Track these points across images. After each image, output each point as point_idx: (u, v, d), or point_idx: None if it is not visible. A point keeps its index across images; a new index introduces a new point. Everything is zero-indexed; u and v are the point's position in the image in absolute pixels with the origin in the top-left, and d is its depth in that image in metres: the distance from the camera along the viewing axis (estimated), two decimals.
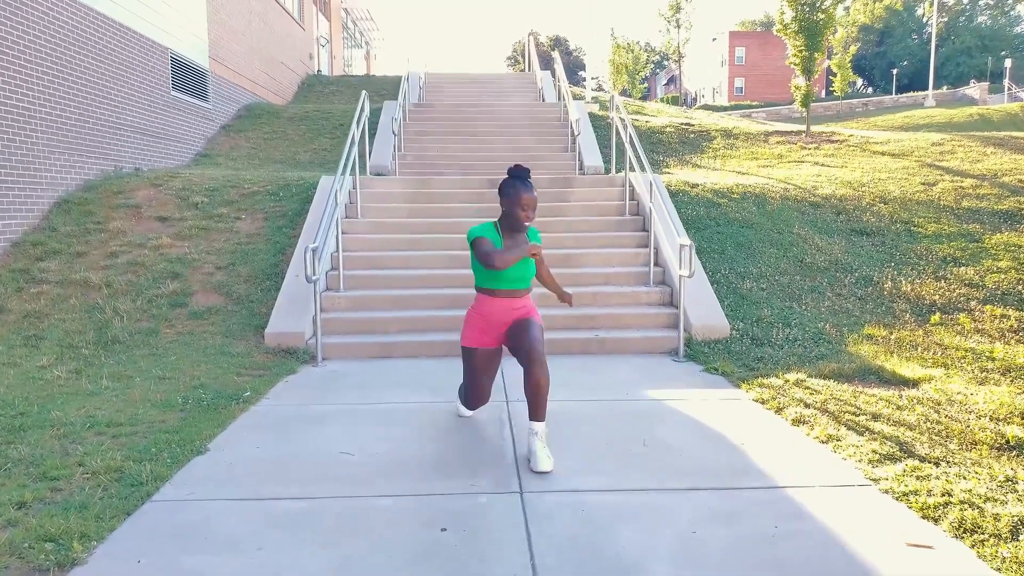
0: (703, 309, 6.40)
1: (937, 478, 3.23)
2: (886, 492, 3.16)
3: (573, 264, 7.32)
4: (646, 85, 56.89)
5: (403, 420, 4.36)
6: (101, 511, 3.04)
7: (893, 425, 4.00)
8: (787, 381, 4.96)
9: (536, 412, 3.60)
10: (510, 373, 5.47)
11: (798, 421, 4.19)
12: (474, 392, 4.05)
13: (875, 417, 4.14)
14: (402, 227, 7.91)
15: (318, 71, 21.97)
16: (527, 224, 3.76)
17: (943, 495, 3.05)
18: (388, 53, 34.03)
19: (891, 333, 6.18)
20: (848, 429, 3.97)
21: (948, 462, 3.45)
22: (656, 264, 7.21)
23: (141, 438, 4.02)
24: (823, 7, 13.34)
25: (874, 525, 2.88)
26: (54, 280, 6.96)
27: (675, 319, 6.47)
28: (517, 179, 3.74)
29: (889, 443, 3.71)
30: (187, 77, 12.06)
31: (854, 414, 4.23)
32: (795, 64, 13.74)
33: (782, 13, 13.66)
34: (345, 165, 7.25)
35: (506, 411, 4.53)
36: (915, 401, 4.42)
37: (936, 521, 2.88)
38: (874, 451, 3.61)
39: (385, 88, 18.65)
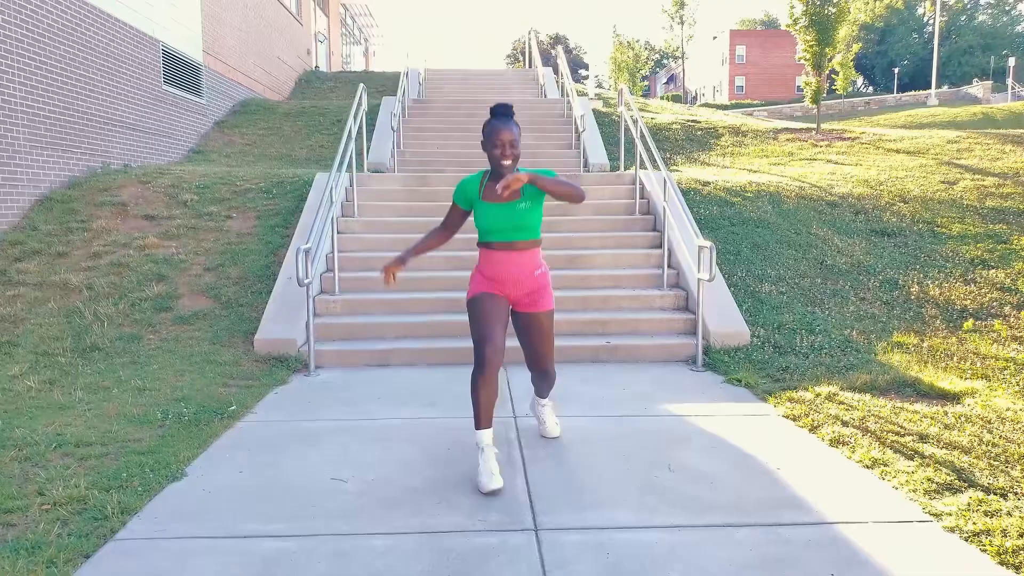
0: (721, 314, 6.02)
1: (1009, 514, 2.85)
2: (952, 531, 2.78)
3: (580, 265, 6.94)
4: (646, 83, 56.51)
5: (401, 438, 3.98)
6: (55, 554, 2.65)
7: (945, 448, 3.62)
8: (818, 395, 4.57)
9: (543, 391, 3.80)
10: (517, 384, 5.09)
11: (836, 442, 3.80)
12: (485, 339, 3.21)
13: (922, 438, 3.76)
14: (400, 226, 7.53)
15: (316, 67, 21.57)
16: (506, 162, 3.26)
17: (1021, 536, 2.67)
18: (387, 50, 33.70)
19: (922, 341, 5.80)
20: (894, 452, 3.59)
21: (1017, 493, 3.07)
22: (670, 266, 6.83)
23: (112, 460, 3.63)
24: (834, 0, 12.96)
25: (945, 574, 2.50)
26: (32, 282, 6.57)
27: (691, 324, 6.09)
28: (492, 117, 3.30)
29: (944, 469, 3.33)
30: (180, 71, 11.66)
31: (898, 434, 3.84)
32: (805, 60, 13.36)
33: (792, 7, 13.27)
34: (341, 161, 6.86)
35: (514, 428, 4.14)
36: (963, 419, 4.04)
37: (1017, 569, 2.50)
38: (928, 479, 3.23)
39: (384, 84, 18.25)
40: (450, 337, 5.99)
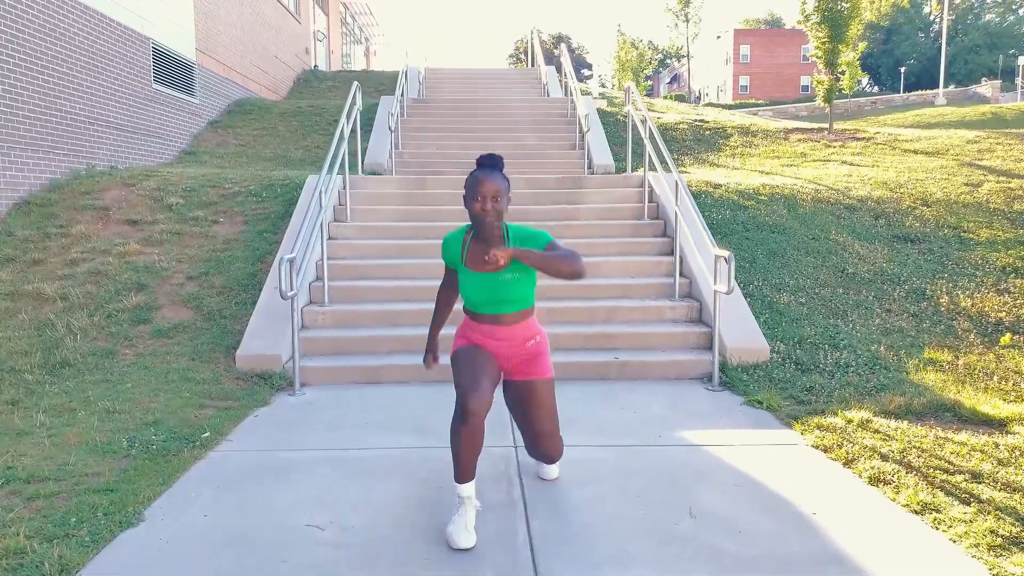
0: (738, 328, 5.61)
1: None
2: None
3: (586, 274, 6.53)
4: (650, 83, 56.07)
5: (387, 473, 3.57)
6: None
7: (1004, 489, 3.20)
8: (850, 421, 4.16)
9: (548, 463, 3.42)
10: None
11: (876, 480, 3.39)
12: (470, 388, 2.76)
13: (975, 477, 3.35)
14: (395, 232, 7.12)
15: (315, 66, 21.19)
16: (487, 218, 2.83)
17: None
18: (388, 49, 33.32)
19: (957, 357, 5.38)
20: (946, 494, 3.18)
21: None
22: (682, 275, 6.41)
23: (63, 501, 3.23)
24: None
25: None
26: (3, 292, 6.18)
27: (705, 338, 5.68)
28: (478, 167, 2.91)
29: (1008, 518, 2.92)
30: (171, 69, 11.27)
31: (946, 471, 3.43)
32: (817, 57, 12.92)
33: (803, 3, 12.84)
34: (332, 163, 6.46)
35: (514, 462, 3.73)
36: (1018, 453, 3.62)
37: None
38: (991, 531, 2.81)
39: (383, 83, 17.87)
40: (444, 352, 5.58)
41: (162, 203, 7.61)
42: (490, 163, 2.91)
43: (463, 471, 2.82)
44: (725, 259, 4.88)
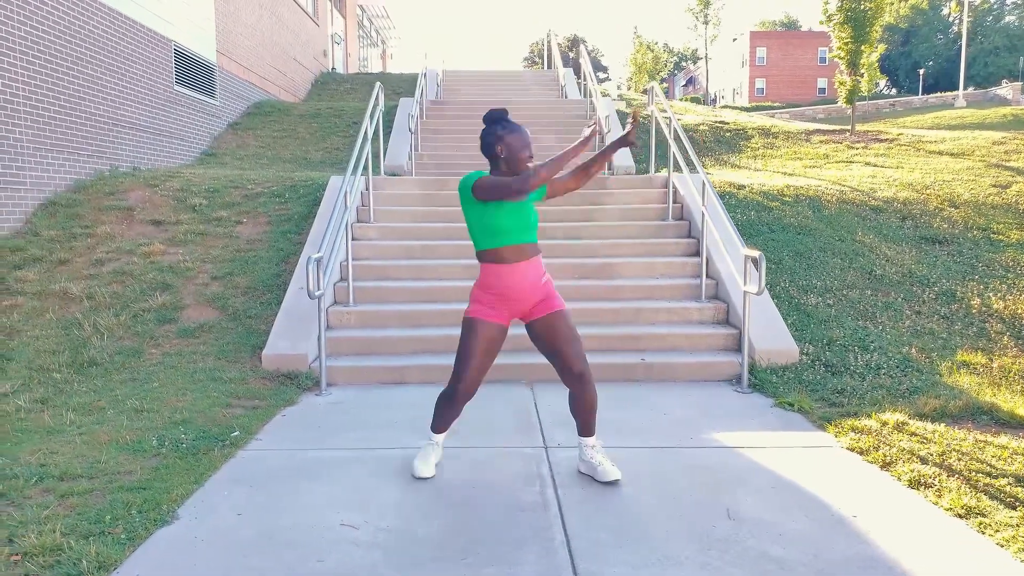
0: (767, 329, 5.54)
1: None
2: None
3: (609, 275, 6.49)
4: (665, 86, 55.92)
5: None
6: None
7: None
8: (885, 424, 4.09)
9: (587, 429, 3.40)
10: (546, 407, 4.64)
11: (916, 483, 3.32)
12: (466, 372, 3.24)
13: (1019, 480, 3.27)
14: (417, 233, 7.11)
15: (332, 69, 21.29)
16: (530, 166, 3.22)
17: None
18: (404, 52, 33.43)
19: (991, 360, 5.28)
20: (990, 498, 3.11)
21: None
22: (708, 276, 6.35)
23: (97, 498, 3.23)
24: None
25: None
26: (31, 291, 6.22)
27: (733, 340, 5.62)
28: (504, 120, 3.25)
29: None
30: (192, 71, 11.35)
31: (988, 474, 3.36)
32: (840, 58, 12.82)
33: (826, 3, 12.74)
34: (356, 163, 6.46)
35: (546, 462, 3.69)
36: None
37: None
38: None
39: (401, 86, 17.91)
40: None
41: (185, 204, 7.64)
42: (507, 116, 3.26)
43: (440, 426, 3.48)
44: (755, 260, 4.82)
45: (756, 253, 4.81)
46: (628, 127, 3.22)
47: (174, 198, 7.77)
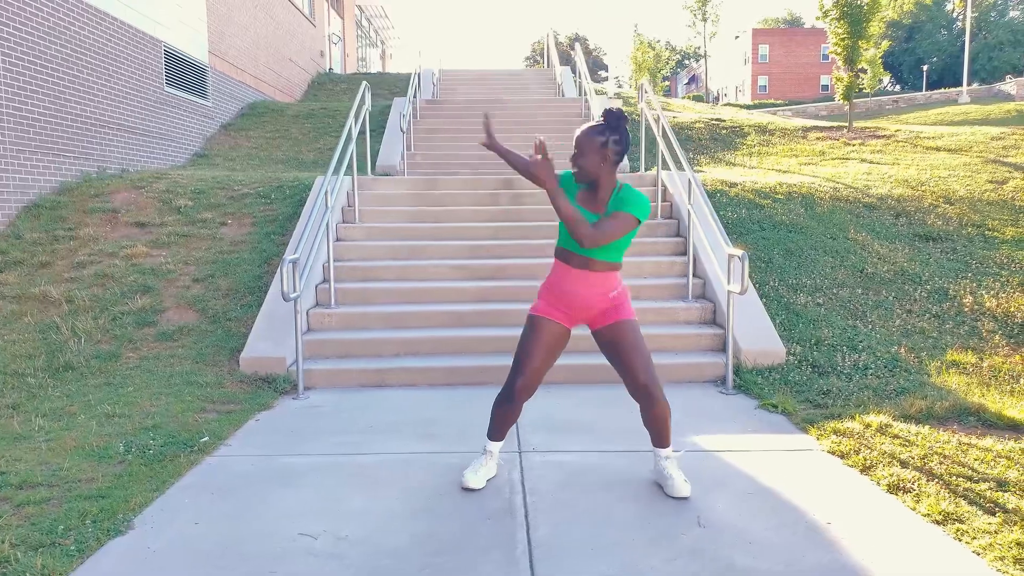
0: (753, 329, 5.44)
1: None
2: None
3: None
4: (667, 84, 55.71)
5: (388, 481, 3.47)
6: None
7: None
8: (868, 426, 3.99)
9: (660, 441, 3.24)
10: (528, 409, 4.54)
11: (895, 487, 3.23)
12: (521, 369, 3.11)
13: (1001, 485, 3.17)
14: (404, 233, 7.04)
15: (329, 69, 21.23)
16: (574, 168, 3.02)
17: None
18: (404, 52, 33.35)
19: (981, 360, 5.18)
20: (969, 503, 3.01)
21: None
22: (695, 275, 6.26)
23: (54, 507, 3.16)
24: None
25: None
26: (10, 295, 6.16)
27: (719, 341, 5.52)
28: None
29: None
30: (184, 72, 11.29)
31: (970, 478, 3.26)
32: (836, 54, 12.69)
33: None
34: (339, 163, 6.39)
35: (518, 468, 3.60)
36: None
37: None
38: (1018, 543, 2.64)
39: (398, 85, 17.84)
40: (452, 355, 5.47)
41: (171, 205, 7.58)
42: (613, 118, 2.95)
43: (496, 432, 3.30)
44: (739, 258, 4.73)
45: (739, 251, 4.71)
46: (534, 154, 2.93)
47: (160, 200, 7.71)
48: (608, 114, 2.94)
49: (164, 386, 4.91)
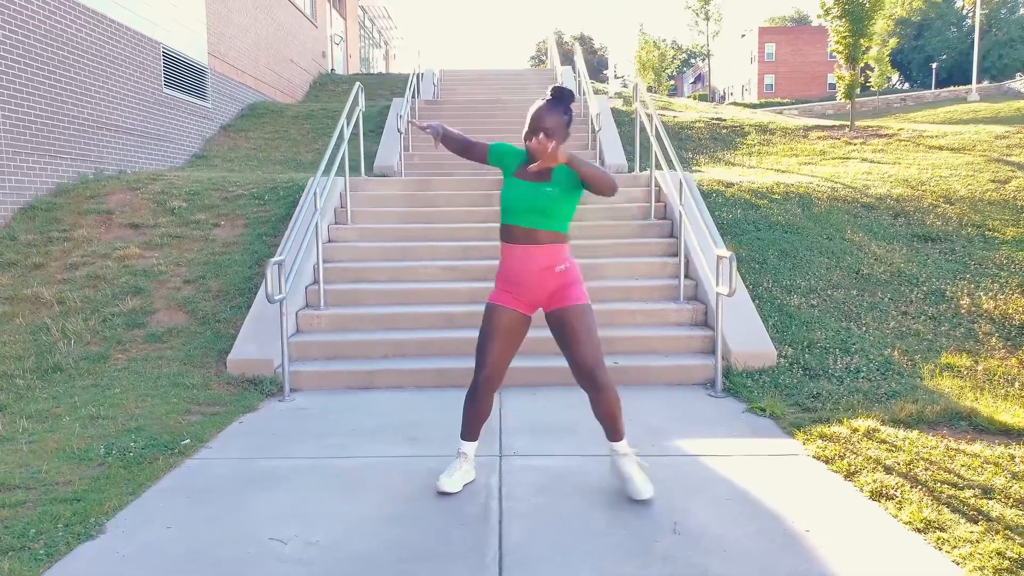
0: (744, 331, 5.39)
1: None
2: None
3: (588, 276, 6.35)
4: (673, 83, 55.59)
5: (366, 485, 3.43)
6: None
7: (1016, 506, 2.96)
8: (855, 430, 3.93)
9: (613, 433, 3.18)
10: (511, 411, 4.51)
11: (878, 494, 3.17)
12: (482, 359, 3.11)
13: (986, 492, 3.11)
14: (397, 234, 7.01)
15: (331, 70, 21.25)
16: (528, 144, 3.04)
17: None
18: (408, 52, 33.34)
19: (976, 363, 5.10)
20: (952, 511, 2.95)
21: None
22: (687, 276, 6.21)
23: (28, 510, 3.14)
24: None
25: None
26: (3, 296, 6.17)
27: (710, 343, 5.47)
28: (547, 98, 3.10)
29: (1018, 538, 2.69)
30: (182, 74, 11.31)
31: (955, 485, 3.20)
32: (838, 52, 12.59)
33: None
34: (329, 165, 6.36)
35: (496, 472, 3.57)
36: None
37: None
38: (999, 552, 2.59)
39: (400, 86, 17.84)
40: (441, 356, 5.44)
41: (165, 206, 7.58)
42: (559, 95, 3.04)
43: (468, 432, 3.26)
44: (727, 259, 4.68)
45: (727, 252, 4.66)
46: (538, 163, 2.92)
47: (154, 201, 7.71)
48: (560, 91, 3.04)
49: (151, 388, 4.89)
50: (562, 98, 3.05)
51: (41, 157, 7.85)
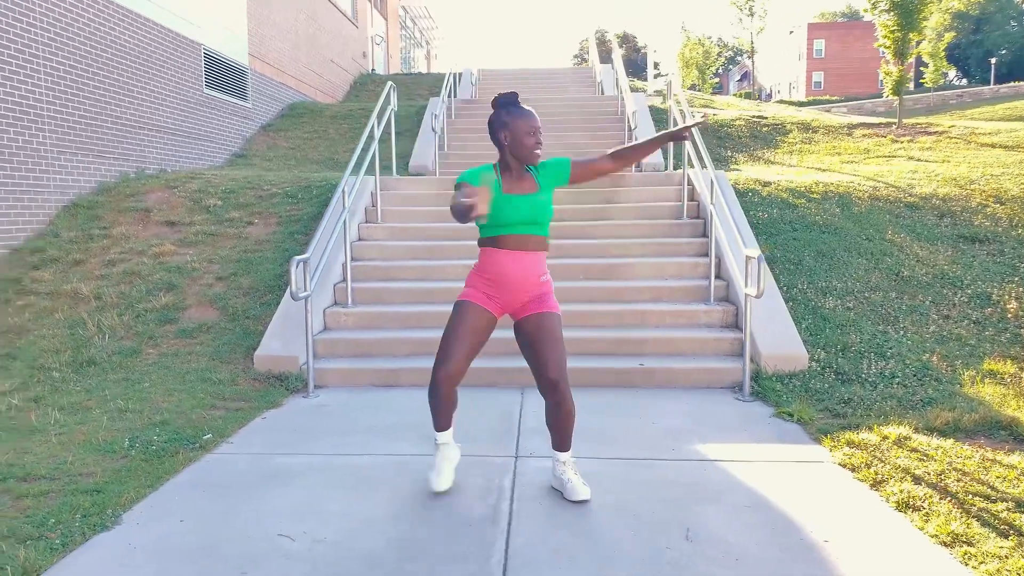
0: (775, 334, 5.24)
1: None
2: None
3: (617, 276, 6.26)
4: (717, 80, 54.67)
5: (378, 483, 3.43)
6: None
7: None
8: (885, 438, 3.78)
9: (562, 443, 3.19)
10: (531, 411, 4.47)
11: (905, 505, 3.03)
12: (446, 354, 3.05)
13: (1020, 505, 2.95)
14: (426, 233, 7.02)
15: (372, 70, 21.46)
16: (537, 154, 3.07)
17: None
18: (450, 52, 33.48)
19: (1022, 369, 4.86)
20: (982, 524, 2.80)
21: None
22: (719, 277, 6.07)
23: (51, 500, 3.22)
24: None
25: None
26: (44, 291, 6.37)
27: (740, 345, 5.33)
28: (511, 104, 3.07)
29: None
30: (223, 75, 11.54)
31: (987, 497, 3.04)
32: (885, 47, 12.19)
33: None
34: (359, 163, 6.40)
35: (511, 473, 3.53)
36: None
37: None
38: None
39: (438, 86, 17.91)
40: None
41: (201, 205, 7.73)
42: (516, 100, 3.08)
43: (439, 424, 3.25)
44: (755, 260, 4.55)
45: (756, 253, 4.53)
46: (686, 124, 3.00)
47: (191, 199, 7.87)
48: (494, 102, 3.10)
49: (179, 383, 4.99)
50: (517, 100, 3.10)
51: (85, 157, 8.09)
